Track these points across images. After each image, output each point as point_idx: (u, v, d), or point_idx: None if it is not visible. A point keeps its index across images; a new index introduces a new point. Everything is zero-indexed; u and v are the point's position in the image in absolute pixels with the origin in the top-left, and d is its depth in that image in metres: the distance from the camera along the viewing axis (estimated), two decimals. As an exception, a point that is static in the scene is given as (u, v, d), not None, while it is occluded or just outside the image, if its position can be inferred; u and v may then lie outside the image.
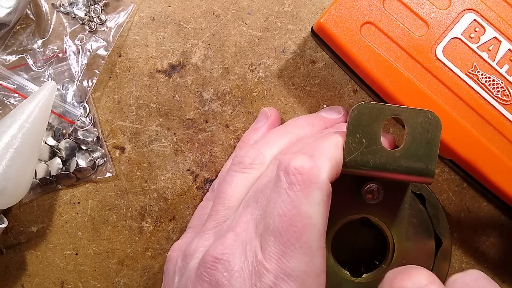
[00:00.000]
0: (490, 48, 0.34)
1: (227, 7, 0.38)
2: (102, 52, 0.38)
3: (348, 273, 0.33)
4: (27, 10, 0.38)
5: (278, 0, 0.38)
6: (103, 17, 0.38)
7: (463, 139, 0.34)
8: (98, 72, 0.38)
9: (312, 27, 0.37)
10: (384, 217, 0.32)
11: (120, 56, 0.38)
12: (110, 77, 0.38)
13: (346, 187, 0.31)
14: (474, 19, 0.34)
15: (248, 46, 0.38)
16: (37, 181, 0.37)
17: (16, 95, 0.37)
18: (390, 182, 0.29)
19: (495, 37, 0.34)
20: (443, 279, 0.33)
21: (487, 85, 0.34)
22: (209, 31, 0.38)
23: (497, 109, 0.34)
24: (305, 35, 0.38)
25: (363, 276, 0.34)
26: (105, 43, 0.38)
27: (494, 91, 0.34)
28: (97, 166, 0.38)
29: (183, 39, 0.38)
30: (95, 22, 0.38)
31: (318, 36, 0.36)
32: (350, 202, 0.31)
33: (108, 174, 0.38)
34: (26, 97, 0.37)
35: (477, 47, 0.34)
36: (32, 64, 0.37)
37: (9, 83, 0.37)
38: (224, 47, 0.38)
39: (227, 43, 0.38)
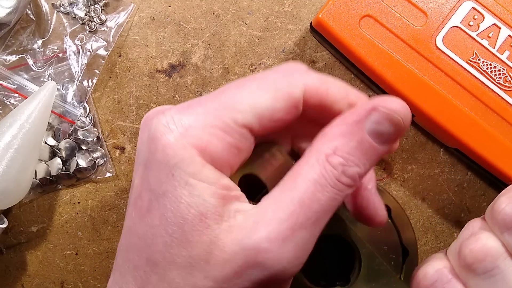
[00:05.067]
0: (490, 35, 0.34)
1: (227, 7, 0.38)
2: (102, 52, 0.38)
3: None
4: (27, 10, 0.38)
5: (278, 0, 0.38)
6: (103, 17, 0.38)
7: (467, 127, 0.34)
8: (98, 72, 0.38)
9: (311, 23, 0.37)
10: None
11: (120, 56, 0.38)
12: (110, 77, 0.38)
13: None
14: (473, 7, 0.34)
15: (248, 46, 0.38)
16: (37, 181, 0.37)
17: (16, 95, 0.37)
18: None
19: (494, 24, 0.34)
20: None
21: (489, 72, 0.34)
22: (209, 31, 0.38)
23: (499, 96, 0.34)
24: (305, 35, 0.38)
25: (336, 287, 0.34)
26: (105, 43, 0.38)
27: (496, 77, 0.34)
28: (97, 166, 0.38)
29: (183, 39, 0.38)
30: (95, 22, 0.38)
31: (317, 32, 0.36)
32: None
33: (108, 174, 0.38)
34: (26, 97, 0.37)
35: (477, 34, 0.34)
36: (32, 64, 0.37)
37: (9, 83, 0.37)
38: (224, 47, 0.38)
39: (227, 43, 0.38)
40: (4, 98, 0.37)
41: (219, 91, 0.23)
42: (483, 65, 0.34)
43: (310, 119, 0.24)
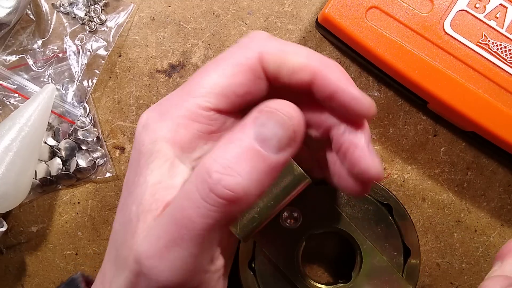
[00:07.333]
0: (497, 15, 0.34)
1: (227, 7, 0.38)
2: (102, 52, 0.38)
3: (322, 286, 0.34)
4: (27, 10, 0.38)
5: (278, 0, 0.38)
6: (103, 17, 0.38)
7: (483, 109, 0.34)
8: (98, 72, 0.38)
9: (317, 19, 0.36)
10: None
11: (120, 56, 0.38)
12: (110, 77, 0.38)
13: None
14: None
15: (248, 46, 0.38)
16: (37, 181, 0.37)
17: (16, 95, 0.37)
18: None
19: (500, 4, 0.34)
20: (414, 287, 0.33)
21: (499, 53, 0.34)
22: (209, 31, 0.38)
23: None
24: (305, 35, 0.38)
25: (338, 284, 0.34)
26: (105, 43, 0.38)
27: (507, 57, 0.34)
28: (97, 166, 0.38)
29: (183, 39, 0.38)
30: (95, 22, 0.38)
31: (324, 28, 0.36)
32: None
33: (108, 174, 0.38)
34: (26, 97, 0.37)
35: (484, 16, 0.34)
36: (32, 64, 0.37)
37: (9, 83, 0.37)
38: (224, 47, 0.38)
39: (227, 43, 0.38)
40: (4, 98, 0.37)
41: (186, 82, 0.24)
42: (493, 46, 0.34)
43: (320, 105, 0.23)
